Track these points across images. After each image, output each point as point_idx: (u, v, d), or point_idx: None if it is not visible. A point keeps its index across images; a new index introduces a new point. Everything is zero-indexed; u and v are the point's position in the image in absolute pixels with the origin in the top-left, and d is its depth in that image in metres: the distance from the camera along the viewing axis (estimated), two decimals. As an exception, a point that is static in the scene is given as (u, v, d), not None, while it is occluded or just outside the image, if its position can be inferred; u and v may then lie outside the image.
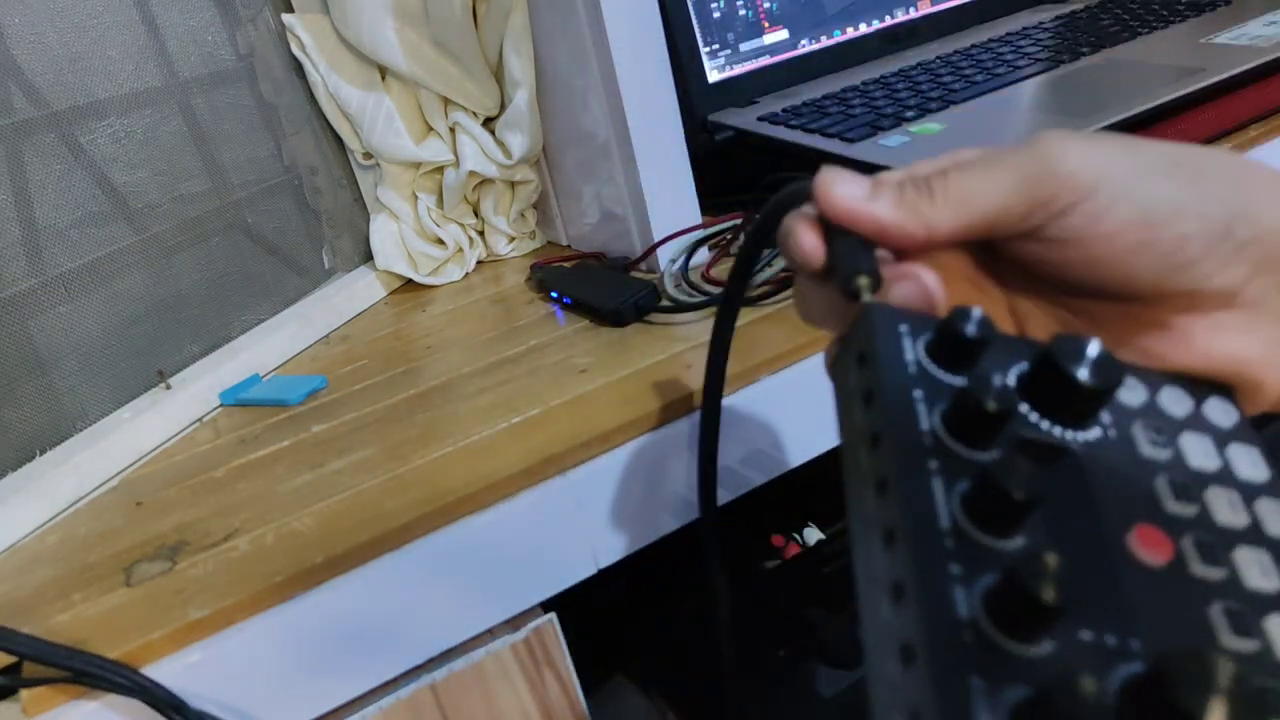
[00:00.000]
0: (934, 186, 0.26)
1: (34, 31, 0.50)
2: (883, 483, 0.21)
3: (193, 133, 0.59)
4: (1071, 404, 0.23)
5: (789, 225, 0.28)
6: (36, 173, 0.50)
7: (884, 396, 0.22)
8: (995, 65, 0.71)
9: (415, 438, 0.47)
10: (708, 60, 0.72)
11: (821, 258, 0.27)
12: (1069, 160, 0.25)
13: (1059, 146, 0.25)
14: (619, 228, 0.62)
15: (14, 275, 0.49)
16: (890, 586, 0.20)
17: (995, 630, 0.18)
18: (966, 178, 0.26)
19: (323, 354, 0.63)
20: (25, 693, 0.35)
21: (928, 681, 0.17)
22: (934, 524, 0.20)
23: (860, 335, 0.25)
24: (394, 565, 0.39)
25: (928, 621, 0.18)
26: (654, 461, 0.44)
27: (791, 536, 0.70)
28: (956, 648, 0.18)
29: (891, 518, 0.20)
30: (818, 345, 0.47)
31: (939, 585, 0.19)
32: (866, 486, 0.22)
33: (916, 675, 0.18)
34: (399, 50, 0.64)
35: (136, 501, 0.47)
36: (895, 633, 0.19)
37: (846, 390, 0.25)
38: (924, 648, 0.18)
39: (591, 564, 0.44)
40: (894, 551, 0.20)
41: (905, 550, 0.19)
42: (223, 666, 0.37)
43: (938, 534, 0.20)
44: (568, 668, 0.44)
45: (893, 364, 0.23)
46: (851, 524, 0.23)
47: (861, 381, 0.24)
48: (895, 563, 0.20)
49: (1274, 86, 0.62)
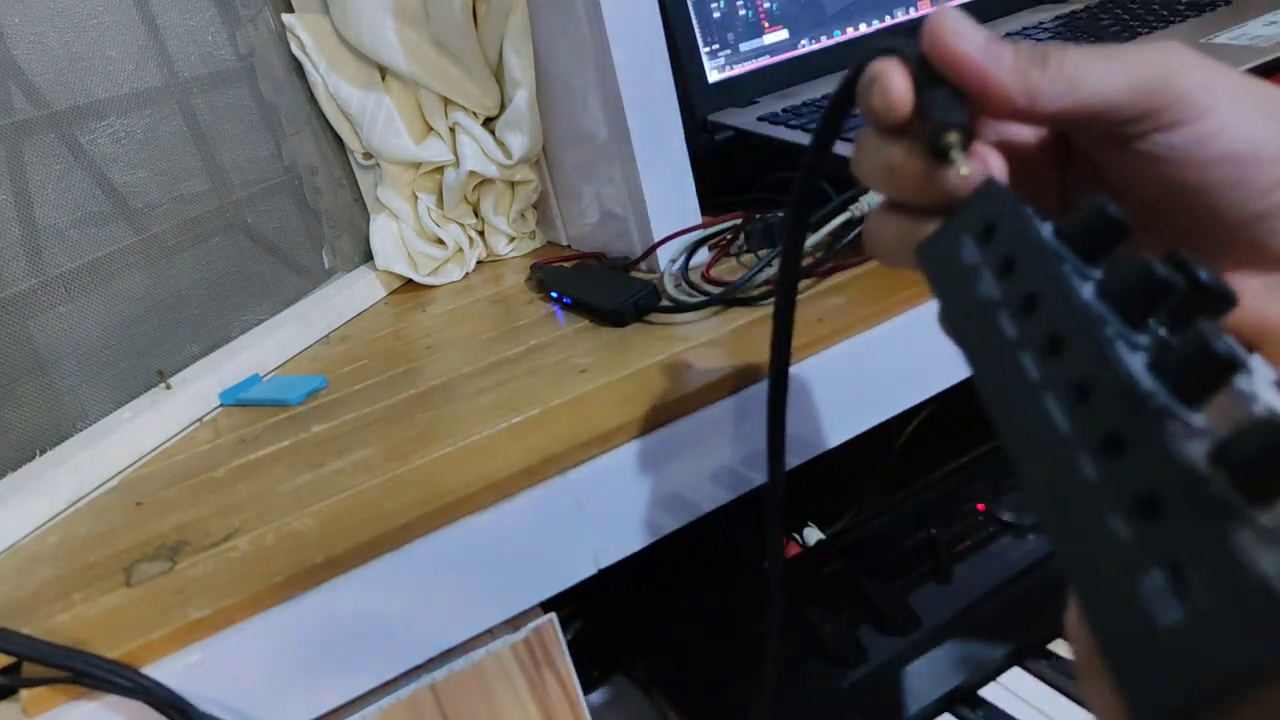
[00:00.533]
0: (1049, 59, 0.25)
1: (34, 31, 0.50)
2: (1055, 339, 0.19)
3: (193, 133, 0.59)
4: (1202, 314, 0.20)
5: (876, 70, 0.26)
6: (36, 173, 0.50)
7: (1032, 260, 0.21)
8: (995, 65, 0.71)
9: (415, 438, 0.47)
10: (708, 60, 0.72)
11: (909, 104, 0.25)
12: (1193, 76, 0.24)
13: (1185, 60, 0.24)
14: (619, 228, 0.62)
15: (14, 275, 0.49)
16: (1098, 441, 0.18)
17: (1232, 484, 0.16)
18: (1085, 59, 0.24)
19: (323, 354, 0.63)
20: (25, 693, 0.35)
21: (1188, 525, 0.16)
22: (1134, 378, 0.18)
23: (984, 206, 0.23)
24: (394, 565, 0.39)
25: (1173, 463, 0.16)
26: (654, 461, 0.44)
27: (792, 536, 0.70)
28: (1206, 488, 0.16)
29: (1080, 370, 0.19)
30: (819, 345, 0.47)
31: (1164, 430, 0.17)
32: (1022, 353, 0.20)
33: (1168, 524, 0.16)
34: (399, 50, 0.64)
35: (136, 501, 0.47)
36: (1119, 488, 0.17)
37: (961, 269, 0.23)
38: (1173, 492, 0.16)
39: (591, 564, 0.44)
40: (1092, 406, 0.18)
41: (1113, 398, 0.18)
42: (223, 666, 0.37)
43: (1141, 388, 0.18)
44: (568, 668, 0.44)
45: (1034, 233, 0.21)
46: (1001, 404, 0.21)
47: (994, 251, 0.22)
48: (1099, 415, 0.18)
49: (1274, 86, 0.62)
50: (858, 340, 0.48)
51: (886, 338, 0.49)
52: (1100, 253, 0.21)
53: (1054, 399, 0.19)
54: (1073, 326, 0.19)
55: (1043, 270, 0.21)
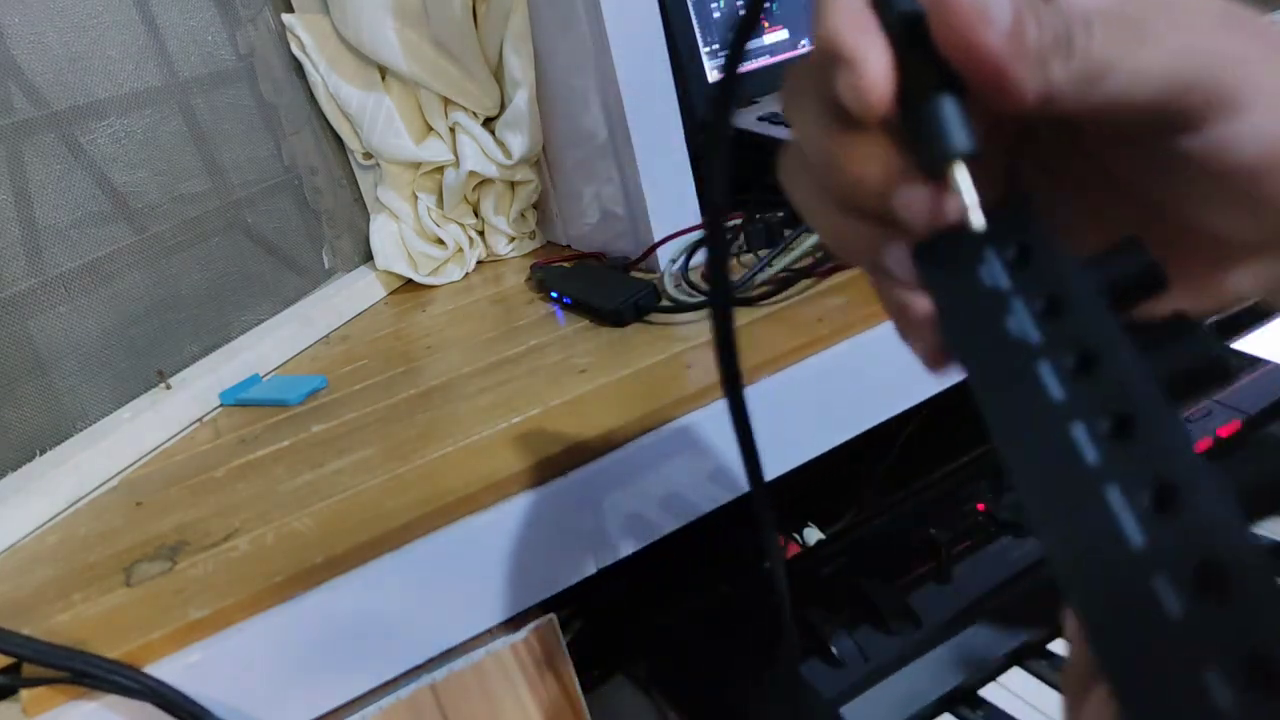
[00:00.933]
0: (1075, 43, 0.18)
1: (34, 31, 0.50)
2: (1124, 421, 0.17)
3: (193, 133, 0.59)
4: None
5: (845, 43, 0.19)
6: (36, 173, 0.50)
7: (1089, 314, 0.18)
8: (995, 65, 0.71)
9: (415, 438, 0.47)
10: (708, 60, 0.72)
11: (888, 102, 0.19)
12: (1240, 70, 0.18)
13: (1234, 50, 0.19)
14: (619, 228, 0.62)
15: (14, 275, 0.49)
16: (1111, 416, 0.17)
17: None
18: (1116, 43, 0.18)
19: (323, 354, 0.63)
20: (25, 693, 0.35)
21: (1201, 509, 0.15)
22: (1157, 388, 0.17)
23: (1015, 223, 0.20)
24: (394, 565, 0.39)
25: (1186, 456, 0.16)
26: (654, 461, 0.44)
27: (791, 536, 0.70)
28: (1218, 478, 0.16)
29: (1155, 468, 0.17)
30: (819, 345, 0.47)
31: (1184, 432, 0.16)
32: (1073, 422, 0.17)
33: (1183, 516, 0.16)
34: (399, 50, 0.64)
35: (136, 501, 0.47)
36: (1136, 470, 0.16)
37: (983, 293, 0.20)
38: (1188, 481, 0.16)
39: (591, 564, 0.44)
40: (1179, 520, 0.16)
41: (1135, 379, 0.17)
42: (223, 666, 0.37)
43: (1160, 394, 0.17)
44: (568, 668, 0.44)
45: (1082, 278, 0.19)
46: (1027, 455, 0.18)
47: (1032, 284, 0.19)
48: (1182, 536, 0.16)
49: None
50: (858, 340, 0.48)
51: (886, 338, 0.49)
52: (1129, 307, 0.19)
53: (1118, 490, 0.17)
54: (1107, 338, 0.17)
55: (1105, 332, 0.18)
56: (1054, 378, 0.18)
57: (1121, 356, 0.17)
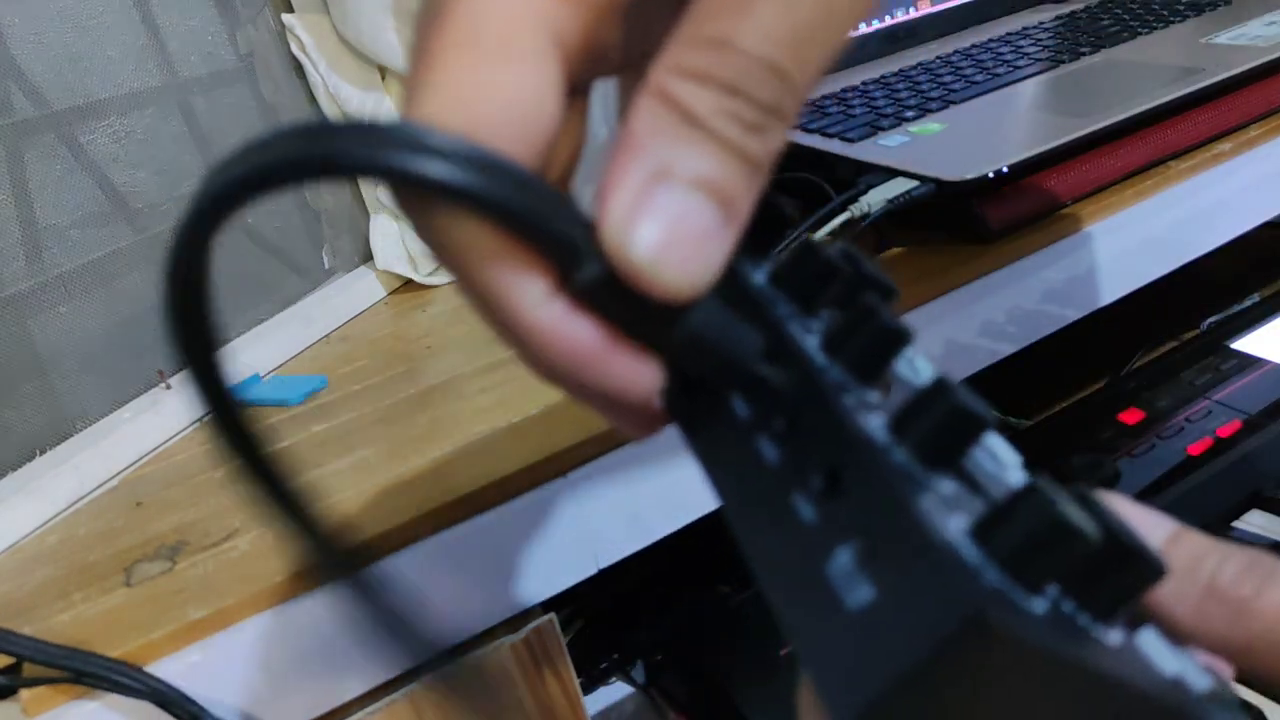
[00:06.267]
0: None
1: (34, 31, 0.50)
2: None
3: (193, 133, 0.59)
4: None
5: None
6: (36, 173, 0.50)
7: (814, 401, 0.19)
8: (995, 65, 0.71)
9: (415, 438, 0.47)
10: (708, 60, 0.72)
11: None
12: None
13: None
14: (619, 228, 0.62)
15: (14, 275, 0.49)
16: (781, 428, 0.18)
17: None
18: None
19: (323, 354, 0.63)
20: (25, 692, 0.35)
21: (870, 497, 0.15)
22: (808, 355, 0.18)
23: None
24: (394, 565, 0.39)
25: (852, 436, 0.16)
26: (654, 461, 0.44)
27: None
28: (887, 458, 0.15)
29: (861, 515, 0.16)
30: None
31: (840, 404, 0.17)
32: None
33: (851, 499, 0.15)
34: (399, 50, 0.64)
35: (136, 501, 0.47)
36: (801, 469, 0.16)
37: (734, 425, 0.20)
38: (854, 465, 0.15)
39: (591, 564, 0.44)
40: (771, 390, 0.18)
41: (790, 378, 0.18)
42: (223, 666, 0.37)
43: (815, 364, 0.18)
44: (568, 668, 0.44)
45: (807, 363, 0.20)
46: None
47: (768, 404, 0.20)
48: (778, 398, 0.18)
49: (1274, 86, 0.62)
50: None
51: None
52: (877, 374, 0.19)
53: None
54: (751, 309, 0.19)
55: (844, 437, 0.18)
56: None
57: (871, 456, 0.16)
